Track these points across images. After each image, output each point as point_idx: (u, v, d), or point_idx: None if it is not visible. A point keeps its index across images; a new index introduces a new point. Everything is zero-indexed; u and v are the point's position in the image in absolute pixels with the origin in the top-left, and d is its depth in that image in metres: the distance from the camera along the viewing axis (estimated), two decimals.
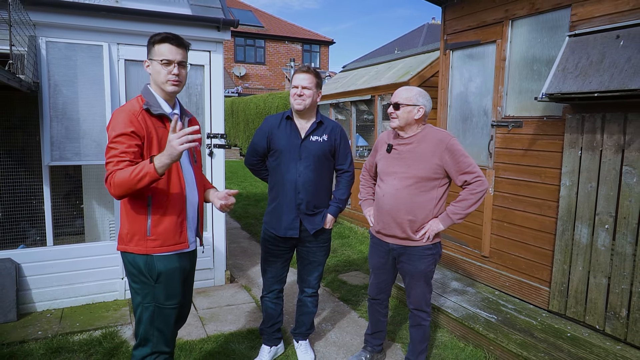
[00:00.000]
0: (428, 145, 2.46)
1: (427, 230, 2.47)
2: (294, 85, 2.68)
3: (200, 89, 4.19)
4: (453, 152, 2.42)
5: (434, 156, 2.43)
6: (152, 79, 2.05)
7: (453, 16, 4.24)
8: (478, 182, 2.41)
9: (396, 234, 2.53)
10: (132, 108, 1.97)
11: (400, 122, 2.49)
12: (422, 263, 2.53)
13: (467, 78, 4.16)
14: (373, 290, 2.83)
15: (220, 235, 4.33)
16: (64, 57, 3.59)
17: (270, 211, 2.83)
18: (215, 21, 3.97)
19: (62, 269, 3.73)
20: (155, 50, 2.01)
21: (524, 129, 3.57)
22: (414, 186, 2.45)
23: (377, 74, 6.48)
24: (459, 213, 2.46)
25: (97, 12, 3.62)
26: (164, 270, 2.02)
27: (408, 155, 2.49)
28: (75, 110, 3.63)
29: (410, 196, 2.45)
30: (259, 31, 24.62)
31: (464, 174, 2.42)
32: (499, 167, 3.80)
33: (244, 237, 6.27)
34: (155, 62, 2.01)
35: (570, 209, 3.15)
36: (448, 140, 2.44)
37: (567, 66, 3.02)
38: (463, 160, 2.42)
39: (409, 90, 2.50)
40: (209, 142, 4.22)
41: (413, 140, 2.50)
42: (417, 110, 2.45)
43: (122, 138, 1.88)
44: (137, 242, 1.98)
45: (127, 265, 2.06)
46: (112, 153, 1.87)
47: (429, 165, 2.43)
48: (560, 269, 3.23)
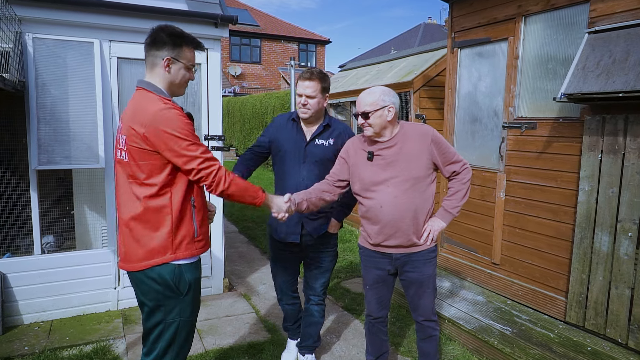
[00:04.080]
0: (413, 142, 2.30)
1: (430, 232, 2.32)
2: (298, 94, 2.57)
3: (197, 88, 4.00)
4: (439, 143, 2.30)
5: (422, 152, 2.28)
6: (168, 78, 1.91)
7: (461, 13, 4.07)
8: (466, 170, 2.35)
9: (401, 243, 2.33)
10: (176, 107, 1.85)
11: (375, 129, 2.28)
12: (429, 267, 2.38)
13: (476, 77, 3.99)
14: (374, 308, 2.55)
15: (218, 241, 4.14)
16: (52, 55, 3.38)
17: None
18: (213, 17, 3.77)
19: (51, 279, 3.53)
20: (185, 52, 1.91)
21: (538, 131, 3.40)
22: (412, 189, 2.27)
23: (379, 73, 6.30)
24: (457, 206, 2.37)
25: (88, 7, 3.42)
26: (193, 280, 1.94)
27: (396, 158, 2.29)
28: (64, 111, 3.42)
29: (411, 200, 2.28)
30: (255, 30, 24.39)
31: (451, 164, 2.33)
32: (510, 170, 3.63)
33: (241, 242, 6.07)
34: (181, 63, 1.91)
35: (590, 216, 2.99)
36: (431, 133, 2.32)
37: (587, 65, 2.85)
38: (448, 150, 2.33)
39: (371, 93, 2.29)
40: (207, 144, 4.02)
41: (395, 141, 2.31)
42: (387, 110, 2.25)
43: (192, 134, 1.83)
44: (187, 246, 1.90)
45: (150, 283, 1.88)
46: (201, 150, 1.82)
47: (421, 162, 2.28)
48: (578, 279, 3.07)
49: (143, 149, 1.78)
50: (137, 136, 1.77)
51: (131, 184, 1.84)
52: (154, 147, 1.77)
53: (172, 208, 1.84)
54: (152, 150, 1.78)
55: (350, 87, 6.54)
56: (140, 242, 1.85)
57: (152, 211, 1.82)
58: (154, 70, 1.90)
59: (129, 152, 1.81)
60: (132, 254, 1.87)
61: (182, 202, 1.86)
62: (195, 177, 1.84)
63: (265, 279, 4.63)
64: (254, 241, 6.02)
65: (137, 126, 1.77)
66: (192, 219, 1.91)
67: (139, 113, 1.79)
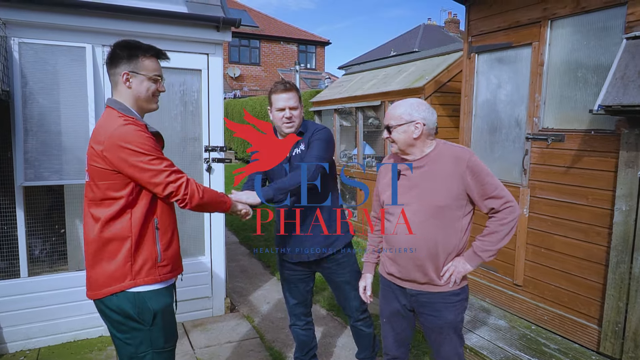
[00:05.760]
0: (444, 165, 2.00)
1: (453, 273, 2.00)
2: (279, 108, 2.37)
3: (197, 95, 3.73)
4: (476, 171, 1.95)
5: (453, 178, 1.97)
6: (131, 94, 1.81)
7: (479, 16, 3.82)
8: (508, 209, 1.95)
9: (416, 279, 2.05)
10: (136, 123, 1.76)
11: (400, 146, 2.03)
12: (450, 312, 2.04)
13: (495, 84, 3.74)
14: (391, 345, 2.26)
15: (219, 258, 3.87)
16: (40, 61, 3.11)
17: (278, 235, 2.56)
18: (214, 20, 3.51)
19: (39, 304, 3.26)
20: (144, 63, 1.80)
21: (566, 144, 3.15)
22: (433, 219, 1.98)
23: (386, 77, 6.04)
24: (489, 250, 1.99)
25: (79, 10, 3.15)
26: (160, 308, 1.80)
27: (421, 181, 2.02)
28: (53, 121, 3.15)
29: (431, 231, 1.98)
30: (254, 31, 24.13)
31: (490, 198, 1.96)
32: (535, 185, 3.38)
33: (242, 254, 5.81)
34: (141, 75, 1.80)
35: (627, 238, 2.74)
36: (468, 157, 1.97)
37: (627, 73, 2.60)
38: (489, 181, 1.96)
39: (399, 106, 2.03)
40: (207, 155, 3.76)
41: (424, 162, 2.03)
42: (414, 127, 1.98)
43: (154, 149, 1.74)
44: (149, 272, 1.78)
45: (109, 312, 1.77)
46: (165, 164, 1.74)
47: (450, 190, 1.97)
48: (614, 306, 2.82)
49: (102, 169, 1.71)
50: (96, 155, 1.71)
51: (90, 205, 1.78)
52: (114, 165, 1.69)
53: (131, 231, 1.75)
54: (112, 170, 1.71)
55: (356, 92, 6.28)
56: (99, 268, 1.75)
57: (110, 234, 1.74)
58: (117, 89, 1.83)
59: (89, 172, 1.76)
60: (92, 280, 1.78)
61: (143, 225, 1.77)
62: (165, 193, 1.75)
63: (269, 296, 4.36)
64: (257, 253, 5.75)
65: (96, 144, 1.71)
66: (155, 242, 1.80)
67: (99, 131, 1.73)
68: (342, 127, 6.77)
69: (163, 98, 3.57)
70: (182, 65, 3.61)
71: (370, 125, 6.24)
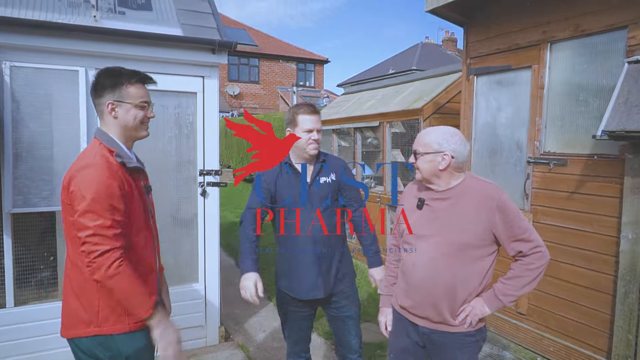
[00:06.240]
0: (471, 201, 1.89)
1: (469, 314, 1.88)
2: (307, 129, 2.32)
3: (192, 119, 3.67)
4: (506, 212, 1.84)
5: (479, 217, 1.85)
6: (118, 124, 1.73)
7: (478, 38, 3.79)
8: (537, 255, 1.83)
9: (429, 316, 1.94)
10: (107, 161, 1.62)
11: (424, 174, 1.95)
12: (464, 353, 1.93)
13: (495, 107, 3.68)
14: None
15: (214, 285, 3.76)
16: (32, 85, 3.06)
17: (286, 272, 2.43)
18: (209, 43, 3.46)
19: (26, 335, 3.13)
20: (129, 91, 1.72)
21: (569, 168, 3.08)
22: (453, 255, 1.87)
23: (384, 98, 6.01)
24: (511, 295, 1.86)
25: (73, 33, 3.10)
26: (134, 351, 1.68)
27: (445, 214, 1.92)
28: (44, 146, 3.08)
29: (450, 269, 1.87)
30: (253, 50, 24.32)
31: (518, 241, 1.84)
32: (537, 210, 3.30)
33: (239, 277, 5.67)
34: (128, 104, 1.71)
35: (635, 267, 2.64)
36: (498, 197, 1.86)
37: (630, 98, 2.54)
38: (518, 223, 1.84)
39: (430, 133, 1.95)
40: (202, 179, 3.68)
41: (450, 194, 1.93)
42: (441, 157, 1.88)
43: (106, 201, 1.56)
44: (117, 320, 1.64)
45: (80, 354, 1.67)
46: (98, 223, 1.53)
47: (474, 228, 1.85)
48: (623, 339, 2.70)
49: (67, 204, 1.63)
50: (64, 188, 1.64)
51: (65, 239, 1.71)
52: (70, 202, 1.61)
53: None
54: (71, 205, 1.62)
55: (354, 112, 6.24)
56: (70, 305, 1.67)
57: (77, 273, 1.64)
58: (104, 119, 1.76)
59: (61, 204, 1.68)
60: (64, 316, 1.70)
61: None
62: (81, 249, 1.58)
63: (265, 324, 4.23)
64: None
65: (66, 178, 1.64)
66: None
67: (73, 165, 1.67)
68: (340, 147, 6.71)
69: (157, 121, 3.55)
70: (178, 88, 3.56)
71: (369, 145, 6.17)
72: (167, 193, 3.57)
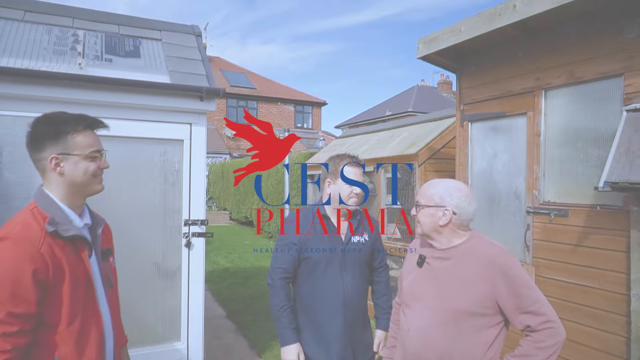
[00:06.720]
0: (473, 264, 1.71)
1: None
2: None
3: (178, 166, 3.54)
4: (511, 278, 1.64)
5: (480, 282, 1.67)
6: (65, 182, 1.48)
7: (471, 84, 3.73)
8: (548, 331, 1.60)
9: None
10: (28, 234, 1.35)
11: (424, 229, 1.81)
12: None
13: (490, 154, 3.58)
14: None
15: (197, 344, 3.50)
16: (10, 134, 2.95)
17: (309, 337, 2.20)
18: (197, 90, 3.39)
19: None
20: (76, 140, 1.47)
21: (570, 219, 2.92)
22: (451, 324, 1.68)
23: (379, 142, 5.94)
24: None
25: (56, 81, 3.03)
26: None
27: (444, 276, 1.76)
28: (19, 196, 2.94)
29: (445, 338, 1.69)
30: (252, 93, 24.75)
31: (525, 313, 1.62)
32: (539, 263, 3.11)
33: (228, 330, 5.38)
34: (75, 156, 1.47)
35: None
36: (503, 261, 1.68)
37: (631, 148, 2.43)
38: (526, 292, 1.63)
39: (434, 185, 1.82)
40: (187, 230, 3.51)
41: (451, 254, 1.77)
42: (442, 212, 1.74)
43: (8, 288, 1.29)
44: None
45: None
46: None
47: (474, 294, 1.66)
48: None
49: None
50: None
51: None
52: None
53: None
54: None
55: None
56: None
57: None
58: (47, 177, 1.49)
59: None
60: None
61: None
62: None
63: None
64: (243, 330, 5.32)
65: None
66: None
67: None
68: None
69: (142, 168, 3.43)
70: (164, 136, 3.45)
71: None
72: (149, 244, 3.40)
